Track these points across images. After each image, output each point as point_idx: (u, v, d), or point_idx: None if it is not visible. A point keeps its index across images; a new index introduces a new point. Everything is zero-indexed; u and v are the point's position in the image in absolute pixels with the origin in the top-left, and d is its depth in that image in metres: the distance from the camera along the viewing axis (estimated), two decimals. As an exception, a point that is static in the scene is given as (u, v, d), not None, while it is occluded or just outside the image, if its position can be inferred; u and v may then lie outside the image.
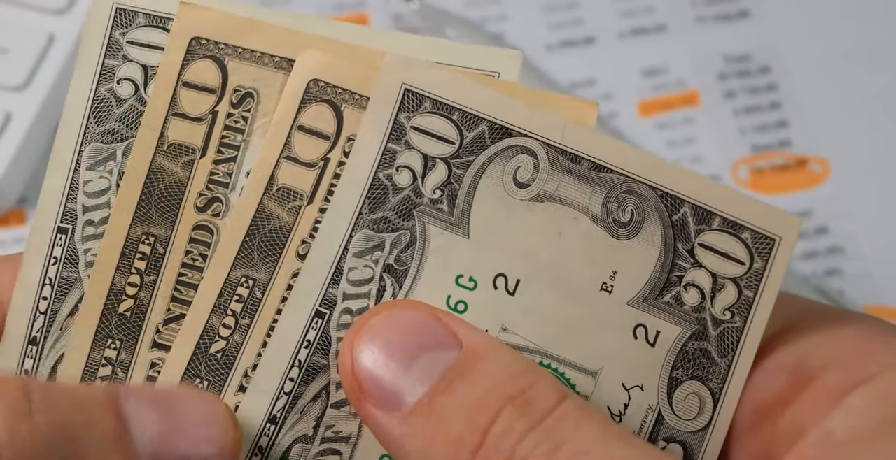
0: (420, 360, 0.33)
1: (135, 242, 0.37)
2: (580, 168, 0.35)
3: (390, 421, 0.33)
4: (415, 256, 0.35)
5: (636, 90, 0.62)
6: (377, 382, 0.34)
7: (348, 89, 0.36)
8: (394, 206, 0.35)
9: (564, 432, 0.32)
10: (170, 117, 0.37)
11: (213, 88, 0.36)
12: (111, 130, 0.37)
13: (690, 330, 0.36)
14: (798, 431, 0.35)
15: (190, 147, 0.37)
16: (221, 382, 0.36)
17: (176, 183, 0.37)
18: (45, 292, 0.38)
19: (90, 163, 0.37)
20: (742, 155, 0.61)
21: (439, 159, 0.35)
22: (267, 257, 0.36)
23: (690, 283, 0.36)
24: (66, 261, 0.37)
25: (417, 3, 0.62)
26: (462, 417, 0.33)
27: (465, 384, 0.33)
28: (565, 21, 0.64)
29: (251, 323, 0.36)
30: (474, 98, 0.35)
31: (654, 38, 0.63)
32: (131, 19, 0.37)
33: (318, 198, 0.36)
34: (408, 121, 0.35)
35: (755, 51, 0.63)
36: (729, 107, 0.62)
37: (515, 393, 0.33)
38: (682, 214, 0.35)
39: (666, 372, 0.36)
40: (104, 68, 0.37)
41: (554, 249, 0.35)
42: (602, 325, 0.35)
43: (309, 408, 0.36)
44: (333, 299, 0.35)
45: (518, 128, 0.35)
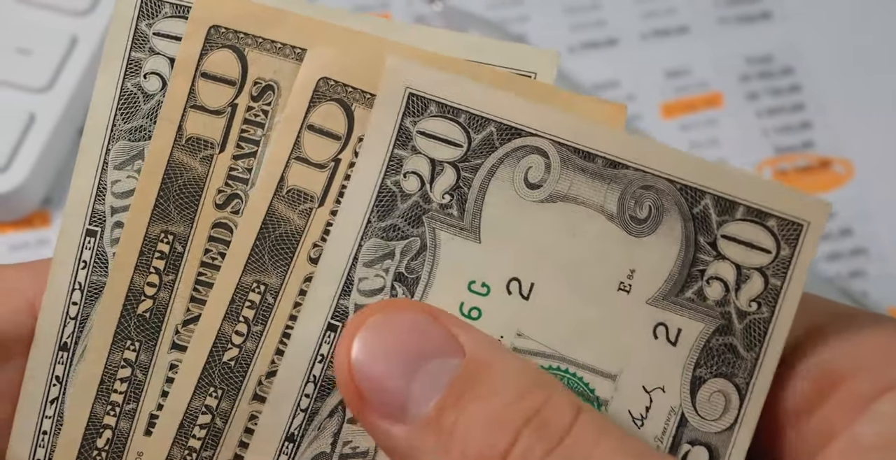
0: (423, 369, 0.33)
1: (153, 241, 0.36)
2: (594, 165, 0.34)
3: (395, 432, 0.33)
4: (425, 263, 0.35)
5: (659, 92, 0.62)
6: (378, 391, 0.33)
7: (359, 88, 0.35)
8: (402, 213, 0.35)
9: (585, 450, 0.32)
10: (188, 109, 0.36)
11: (232, 80, 0.36)
12: (139, 127, 0.36)
13: (714, 325, 0.34)
14: (825, 437, 0.34)
15: (209, 141, 0.36)
16: (236, 391, 0.36)
17: (194, 178, 0.36)
18: (75, 297, 0.37)
19: (118, 163, 0.36)
20: (765, 156, 0.60)
21: (447, 163, 0.34)
22: (278, 261, 0.36)
23: (713, 277, 0.34)
24: (96, 265, 0.37)
25: (440, 5, 0.62)
26: (478, 436, 0.32)
27: (475, 398, 0.32)
28: (587, 22, 0.64)
29: (264, 329, 0.36)
30: (481, 99, 0.34)
31: (676, 40, 0.63)
32: (157, 9, 0.36)
33: (329, 200, 0.35)
34: (413, 125, 0.34)
35: (778, 52, 0.63)
36: (752, 108, 0.61)
37: (531, 412, 0.32)
38: (703, 206, 0.34)
39: (688, 371, 0.35)
40: (131, 61, 0.36)
41: (568, 250, 0.34)
42: (620, 326, 0.35)
43: (326, 425, 0.35)
44: (345, 311, 0.35)
45: (528, 127, 0.34)
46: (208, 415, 0.36)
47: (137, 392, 0.37)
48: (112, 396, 0.37)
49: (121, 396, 0.37)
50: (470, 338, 0.33)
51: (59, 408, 0.37)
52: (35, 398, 0.38)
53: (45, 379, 0.37)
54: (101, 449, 0.37)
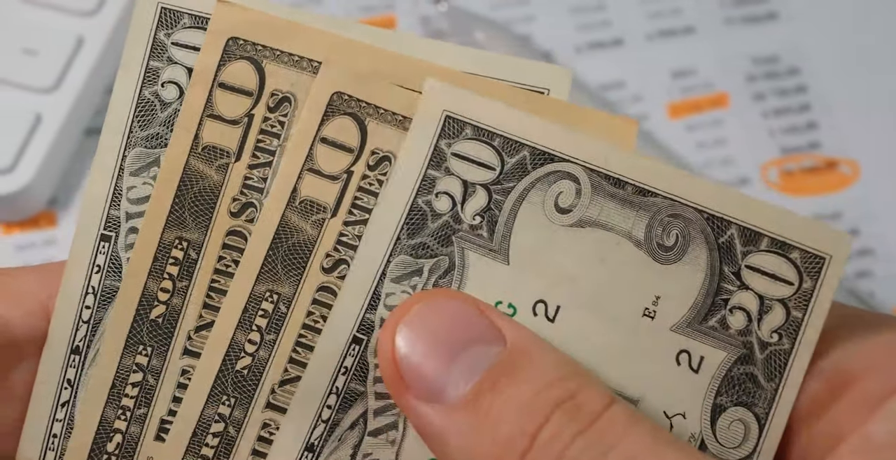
0: (464, 354, 0.33)
1: (167, 247, 0.36)
2: (624, 192, 0.34)
3: (431, 413, 0.33)
4: (453, 282, 0.35)
5: (665, 92, 0.62)
6: (419, 373, 0.33)
7: (373, 103, 0.35)
8: (432, 232, 0.35)
9: (613, 436, 0.32)
10: (205, 119, 0.36)
11: (249, 91, 0.36)
12: (155, 135, 0.37)
13: (736, 354, 0.35)
14: (836, 437, 0.35)
15: (225, 150, 0.36)
16: (248, 399, 0.36)
17: (210, 186, 0.36)
18: (88, 301, 0.37)
19: (134, 169, 0.37)
20: (771, 157, 0.60)
21: (479, 185, 0.35)
22: (291, 271, 0.36)
23: (736, 306, 0.35)
24: (110, 270, 0.37)
25: (445, 6, 0.62)
26: (511, 419, 0.32)
27: (511, 384, 0.33)
28: (593, 23, 0.64)
29: (276, 338, 0.36)
30: (516, 124, 0.34)
31: (682, 40, 0.63)
32: (176, 20, 0.36)
33: (341, 211, 0.36)
34: (448, 147, 0.35)
35: (783, 52, 0.63)
36: (758, 108, 0.61)
37: (564, 397, 0.33)
38: (729, 236, 0.35)
39: (709, 399, 0.35)
40: (148, 70, 0.37)
41: (595, 275, 0.35)
42: (644, 352, 0.35)
43: (346, 436, 0.36)
44: (371, 325, 0.35)
45: (560, 153, 0.34)
46: (221, 424, 0.36)
47: (149, 397, 0.37)
48: (123, 400, 0.37)
49: (132, 401, 0.37)
50: (511, 329, 0.34)
51: (70, 412, 0.38)
52: (46, 401, 0.38)
53: (57, 382, 0.38)
54: (112, 453, 0.37)
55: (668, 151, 0.60)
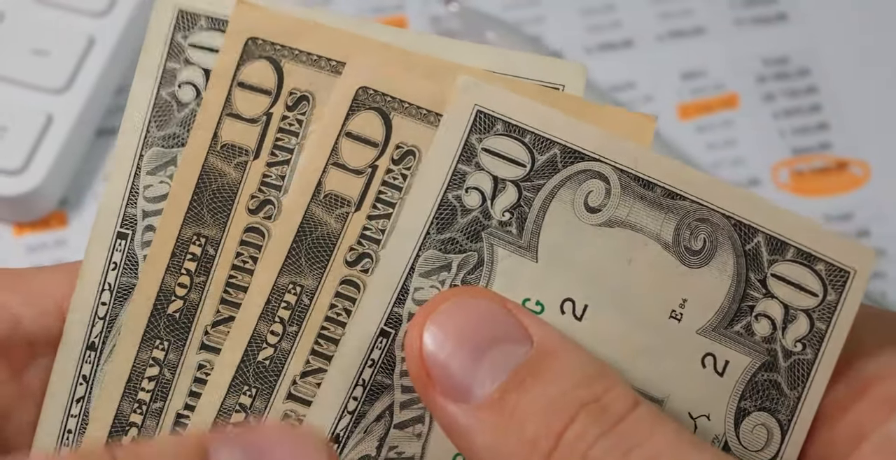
0: (490, 353, 0.33)
1: (185, 243, 0.37)
2: (653, 194, 0.35)
3: (457, 412, 0.33)
4: (482, 278, 0.35)
5: (675, 93, 0.62)
6: (445, 371, 0.33)
7: (398, 98, 0.35)
8: (462, 227, 0.35)
9: (637, 437, 0.32)
10: (224, 117, 0.36)
11: (268, 90, 0.36)
12: (172, 135, 0.37)
13: (760, 360, 0.35)
14: (857, 437, 0.35)
15: (243, 148, 0.36)
16: (269, 390, 0.36)
17: (228, 184, 0.36)
18: (104, 298, 0.37)
19: (151, 168, 0.37)
20: (782, 157, 0.60)
21: (509, 182, 0.35)
22: (314, 264, 0.36)
23: (762, 314, 0.35)
24: (126, 267, 0.37)
25: (456, 6, 0.62)
26: (536, 418, 0.32)
27: (538, 383, 0.33)
28: (603, 24, 0.64)
29: (299, 330, 0.36)
30: (547, 121, 0.35)
31: (692, 41, 0.63)
32: (193, 22, 0.37)
33: (365, 205, 0.36)
34: (479, 142, 0.35)
35: (794, 53, 0.63)
36: (768, 109, 0.61)
37: (590, 397, 0.33)
38: (756, 244, 0.35)
39: (734, 402, 0.35)
40: (166, 71, 0.37)
41: (623, 275, 0.35)
42: (670, 353, 0.35)
43: (372, 428, 0.36)
44: (399, 319, 0.35)
45: (591, 152, 0.34)
46: (242, 414, 0.36)
47: (165, 391, 0.37)
48: (139, 394, 0.37)
49: (148, 395, 0.37)
50: (538, 329, 0.34)
51: (85, 407, 0.38)
52: (61, 396, 0.38)
53: (72, 378, 0.38)
54: None
55: (679, 152, 0.60)
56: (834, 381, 0.36)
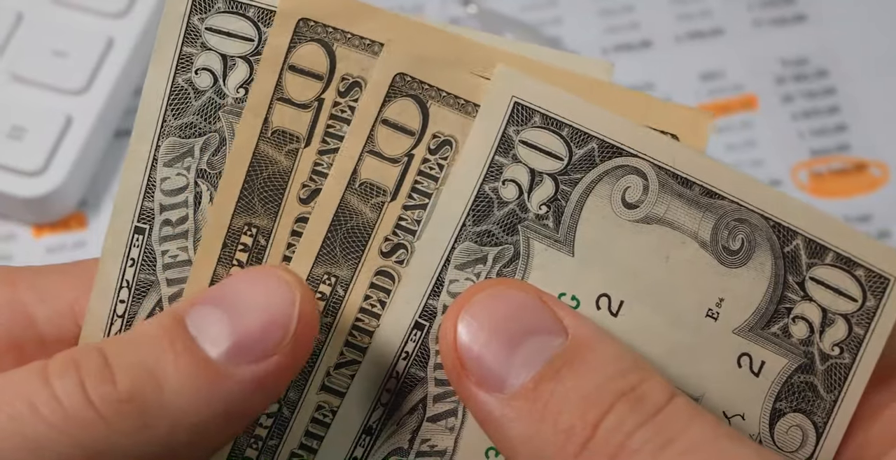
0: (525, 344, 0.33)
1: (237, 233, 0.36)
2: (691, 192, 0.34)
3: (491, 401, 0.33)
4: (517, 272, 0.35)
5: (694, 94, 0.62)
6: (480, 361, 0.33)
7: (435, 86, 0.35)
8: (498, 220, 0.35)
9: (675, 428, 0.32)
10: (274, 102, 0.35)
11: (320, 74, 0.35)
12: (189, 124, 0.36)
13: (797, 362, 0.35)
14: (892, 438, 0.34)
15: (294, 135, 0.35)
16: (304, 380, 0.36)
17: (279, 172, 0.36)
18: (123, 295, 0.37)
19: (167, 160, 0.36)
20: (801, 159, 0.60)
21: (546, 175, 0.35)
22: (349, 254, 0.35)
23: (799, 316, 0.35)
24: (144, 263, 0.36)
25: (475, 8, 0.62)
26: (572, 408, 0.32)
27: (573, 374, 0.33)
28: (621, 25, 0.64)
29: (333, 321, 0.36)
30: (585, 115, 0.34)
31: (710, 42, 0.63)
32: (210, 4, 0.35)
33: (401, 194, 0.35)
34: (516, 134, 0.34)
35: (812, 55, 0.63)
36: (787, 111, 0.61)
37: (627, 388, 0.32)
38: (795, 246, 0.34)
39: (769, 402, 0.35)
40: (182, 56, 0.36)
41: (660, 272, 0.35)
42: (706, 352, 0.35)
43: (405, 421, 0.35)
44: (433, 311, 0.35)
45: (629, 148, 0.34)
46: (275, 405, 0.36)
47: None
48: None
49: None
50: (574, 321, 0.34)
51: None
52: None
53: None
54: None
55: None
56: (870, 385, 0.35)
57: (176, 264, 0.36)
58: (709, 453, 0.32)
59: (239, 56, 0.36)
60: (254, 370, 0.33)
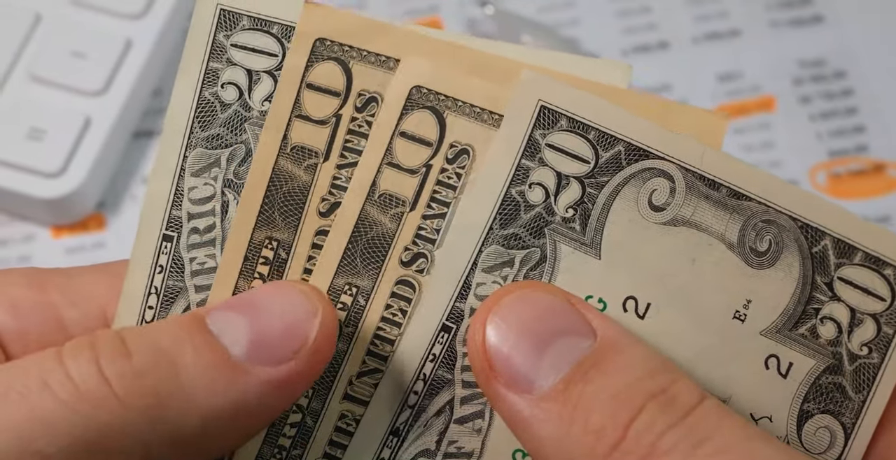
0: (554, 345, 0.33)
1: (258, 246, 0.36)
2: (718, 194, 0.34)
3: (520, 403, 0.33)
4: (544, 274, 0.35)
5: (711, 95, 0.62)
6: (508, 362, 0.33)
7: (451, 96, 0.35)
8: (525, 223, 0.35)
9: (706, 429, 0.32)
10: (293, 119, 0.36)
11: (337, 91, 0.36)
12: (215, 136, 0.37)
13: (825, 363, 0.35)
14: None
15: (313, 150, 0.36)
16: (326, 390, 0.36)
17: (299, 186, 0.36)
18: (151, 301, 0.37)
19: (195, 169, 0.37)
20: (819, 160, 0.60)
21: (573, 178, 0.35)
22: (370, 264, 0.36)
23: (827, 317, 0.35)
24: (172, 270, 0.37)
25: (492, 9, 0.62)
26: (602, 409, 0.32)
27: (602, 375, 0.33)
28: (639, 26, 0.64)
29: (355, 331, 0.36)
30: (611, 118, 0.34)
31: (728, 43, 0.63)
32: (235, 21, 0.37)
33: (420, 204, 0.36)
34: (543, 138, 0.35)
35: (830, 56, 0.63)
36: (805, 112, 0.61)
37: (657, 389, 0.33)
38: (823, 247, 0.35)
39: (797, 404, 0.35)
40: (208, 71, 0.37)
41: (687, 275, 0.35)
42: (733, 354, 0.35)
43: (432, 422, 0.36)
44: (460, 314, 0.35)
45: (655, 150, 0.34)
46: (299, 414, 0.36)
47: None
48: None
49: None
50: (601, 323, 0.34)
51: None
52: None
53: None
54: None
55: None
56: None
57: (204, 271, 0.37)
58: (740, 454, 0.32)
59: (263, 71, 0.37)
60: (270, 372, 0.33)
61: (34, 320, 0.37)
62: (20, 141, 0.57)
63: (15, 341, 0.37)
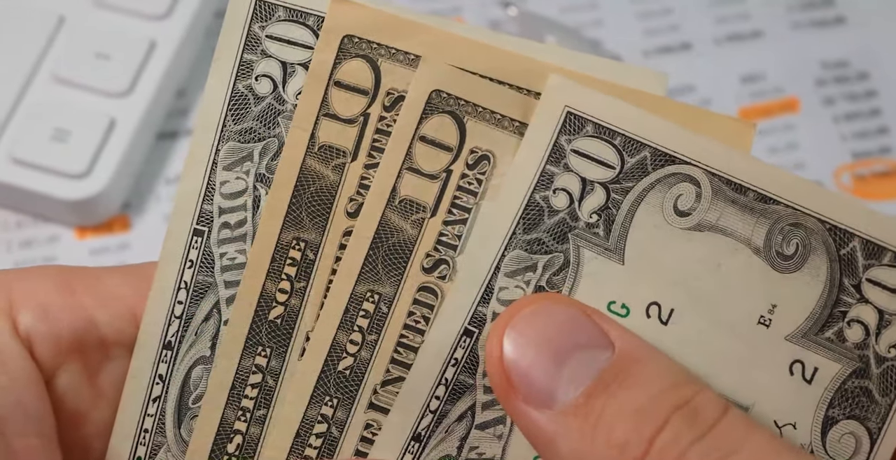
0: (573, 359, 0.33)
1: (285, 247, 0.36)
2: (745, 198, 0.34)
3: (540, 418, 0.33)
4: (567, 279, 0.35)
5: (735, 96, 0.62)
6: (527, 377, 0.33)
7: (471, 101, 0.35)
8: (548, 228, 0.35)
9: (733, 442, 0.32)
10: (321, 118, 0.36)
11: (365, 90, 0.36)
12: (248, 129, 0.36)
13: (851, 367, 0.35)
14: None
15: (341, 150, 0.36)
16: (351, 400, 0.36)
17: (326, 186, 0.36)
18: (181, 296, 0.37)
19: (227, 163, 0.36)
20: (843, 161, 0.60)
21: (598, 183, 0.35)
22: (391, 271, 0.36)
23: (855, 319, 0.34)
24: (202, 265, 0.37)
25: (515, 10, 0.62)
26: (625, 423, 0.32)
27: (624, 388, 0.33)
28: (661, 27, 0.64)
29: (378, 339, 0.36)
30: (638, 123, 0.34)
31: (750, 45, 0.63)
32: (271, 12, 0.36)
33: (441, 210, 0.35)
34: (568, 143, 0.34)
35: (852, 57, 0.63)
36: (828, 113, 0.61)
37: (681, 402, 0.32)
38: (851, 249, 0.34)
39: (821, 410, 0.35)
40: (242, 63, 0.36)
41: (712, 280, 0.35)
42: (757, 360, 0.35)
43: (454, 428, 0.36)
44: (483, 318, 0.35)
45: (682, 155, 0.34)
46: (324, 424, 0.36)
47: (268, 398, 0.37)
48: (243, 402, 0.37)
49: (251, 402, 0.37)
50: (620, 335, 0.34)
51: (162, 407, 0.38)
52: (137, 396, 0.38)
53: (149, 377, 0.38)
54: (232, 454, 0.37)
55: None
56: None
57: (234, 266, 0.37)
58: None
59: (298, 63, 0.36)
60: None
61: (65, 323, 0.37)
62: (45, 142, 0.57)
63: (46, 344, 0.37)
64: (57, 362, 0.37)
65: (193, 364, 0.37)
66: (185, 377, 0.37)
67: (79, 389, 0.38)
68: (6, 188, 0.57)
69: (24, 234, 0.58)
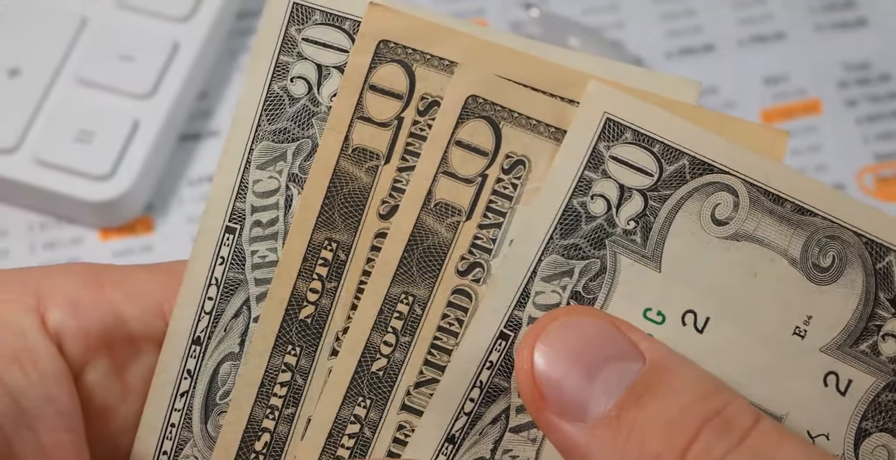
0: (604, 371, 0.33)
1: (317, 247, 0.36)
2: (782, 209, 0.34)
3: (573, 431, 0.33)
4: (603, 286, 0.35)
5: (758, 98, 0.62)
6: (559, 391, 0.33)
7: (507, 107, 0.35)
8: (586, 234, 0.35)
9: (766, 452, 0.32)
10: (355, 120, 0.36)
11: (399, 94, 0.36)
12: (282, 129, 0.37)
13: (885, 380, 0.35)
14: None
15: (374, 152, 0.36)
16: (384, 401, 0.36)
17: (360, 188, 0.36)
18: (211, 292, 0.37)
19: (260, 162, 0.37)
20: (866, 163, 0.60)
21: (636, 190, 0.35)
22: (426, 273, 0.36)
23: (889, 334, 0.35)
24: (233, 262, 0.37)
25: (537, 12, 0.62)
26: (658, 435, 0.32)
27: (656, 399, 0.33)
28: (684, 28, 0.64)
29: (412, 340, 0.36)
30: (677, 131, 0.34)
31: (773, 46, 0.63)
32: (308, 16, 0.36)
33: (476, 214, 0.36)
34: (607, 150, 0.35)
35: (875, 59, 0.63)
36: (851, 115, 0.61)
37: (711, 413, 0.32)
38: (887, 263, 0.34)
39: (855, 422, 0.35)
40: (278, 64, 0.37)
41: (748, 290, 0.35)
42: (791, 370, 0.35)
43: (488, 431, 0.36)
44: (518, 322, 0.35)
45: (720, 165, 0.34)
46: (357, 425, 0.36)
47: (297, 396, 0.37)
48: (272, 400, 0.37)
49: (280, 400, 0.37)
50: (650, 346, 0.34)
51: (189, 402, 0.38)
52: (165, 390, 0.38)
53: (177, 372, 0.38)
54: (259, 452, 0.37)
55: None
56: None
57: (265, 264, 0.37)
58: None
59: (333, 66, 0.37)
60: None
61: (94, 318, 0.38)
62: (69, 143, 0.57)
63: (75, 340, 0.37)
64: (86, 358, 0.38)
65: (222, 360, 0.38)
66: (213, 372, 0.38)
67: (107, 384, 0.38)
68: (30, 189, 0.57)
69: (48, 236, 0.59)
